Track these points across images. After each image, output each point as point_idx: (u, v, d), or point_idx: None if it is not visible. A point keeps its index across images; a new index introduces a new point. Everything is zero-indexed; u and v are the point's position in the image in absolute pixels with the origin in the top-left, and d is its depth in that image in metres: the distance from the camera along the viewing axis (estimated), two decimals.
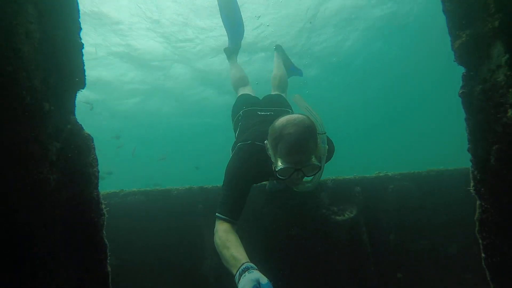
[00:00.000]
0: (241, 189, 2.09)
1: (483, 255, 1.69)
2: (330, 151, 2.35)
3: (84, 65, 1.46)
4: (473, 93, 1.68)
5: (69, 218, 1.30)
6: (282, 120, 1.89)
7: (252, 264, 1.65)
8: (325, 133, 1.90)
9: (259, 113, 2.87)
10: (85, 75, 1.45)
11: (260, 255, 3.22)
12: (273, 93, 4.04)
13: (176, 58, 16.42)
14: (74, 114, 1.42)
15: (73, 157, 1.36)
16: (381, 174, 3.54)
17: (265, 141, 2.03)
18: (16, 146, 1.16)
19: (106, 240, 1.43)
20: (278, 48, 4.92)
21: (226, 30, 4.73)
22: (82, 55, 1.45)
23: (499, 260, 1.62)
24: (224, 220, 2.00)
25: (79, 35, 1.46)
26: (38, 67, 1.29)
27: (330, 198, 3.27)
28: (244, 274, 1.54)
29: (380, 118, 30.37)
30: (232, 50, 4.63)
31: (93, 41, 13.77)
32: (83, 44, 1.45)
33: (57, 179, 1.29)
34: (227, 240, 1.85)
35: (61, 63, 1.38)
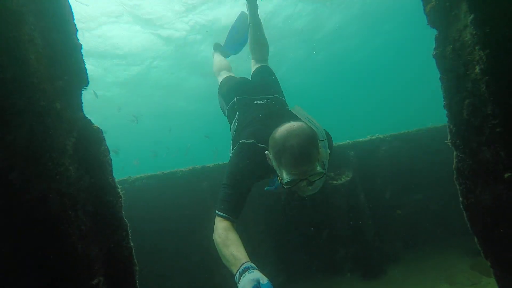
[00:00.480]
0: (244, 187, 2.07)
1: (460, 198, 1.89)
2: (330, 146, 2.36)
3: (84, 64, 1.58)
4: (445, 53, 1.82)
5: (93, 202, 1.48)
6: (282, 131, 1.88)
7: (252, 264, 1.65)
8: (325, 139, 1.90)
9: (255, 102, 2.76)
10: (87, 73, 1.58)
11: (264, 227, 3.50)
12: (257, 65, 3.73)
13: None
14: (82, 110, 1.57)
15: (87, 149, 1.52)
16: (373, 137, 3.72)
17: (266, 152, 2.04)
18: (40, 144, 1.32)
19: (125, 219, 1.62)
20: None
21: (229, 36, 4.52)
22: (82, 55, 1.58)
23: (473, 201, 1.82)
24: (224, 218, 1.99)
25: (76, 36, 1.58)
26: (45, 71, 1.43)
27: (327, 164, 3.45)
28: (244, 274, 1.55)
29: (357, 82, 30.53)
30: (221, 50, 4.48)
31: None
32: (81, 45, 1.57)
33: (77, 168, 1.47)
34: (227, 238, 1.84)
35: (64, 65, 1.51)
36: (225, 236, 1.86)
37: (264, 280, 1.49)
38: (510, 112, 1.64)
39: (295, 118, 2.07)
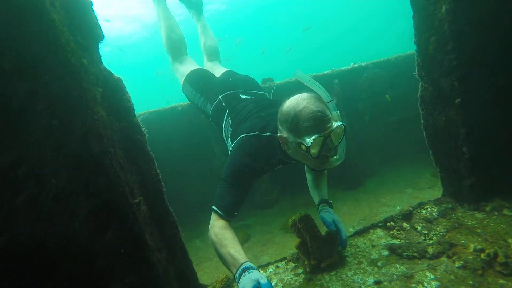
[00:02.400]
0: (244, 186, 1.91)
1: (422, 121, 2.30)
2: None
3: (97, 19, 1.75)
4: None
5: (124, 140, 1.82)
6: (289, 101, 1.72)
7: (251, 264, 1.57)
8: (332, 100, 1.74)
9: (241, 96, 2.58)
10: (101, 28, 1.76)
11: None
12: (223, 69, 3.34)
13: None
14: (102, 63, 1.79)
15: (112, 97, 1.80)
16: (355, 66, 3.98)
17: (278, 135, 1.81)
18: (75, 95, 1.60)
19: (150, 151, 1.98)
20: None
21: None
22: (93, 10, 1.73)
23: (431, 123, 2.23)
24: (221, 216, 1.88)
25: None
26: (68, 30, 1.62)
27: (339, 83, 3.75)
28: (244, 274, 1.50)
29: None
30: None
31: None
32: (91, 1, 1.72)
33: (107, 114, 1.77)
34: (223, 238, 1.76)
35: (80, 22, 1.69)
36: (222, 235, 1.77)
37: (264, 280, 1.43)
38: (465, 48, 1.95)
39: None
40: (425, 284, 1.67)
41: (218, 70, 3.20)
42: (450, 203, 2.28)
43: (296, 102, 1.69)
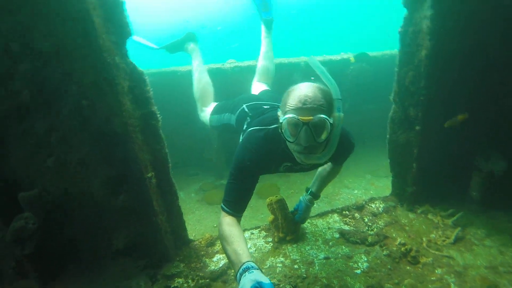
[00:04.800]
0: (249, 182, 1.89)
1: (387, 135, 2.78)
2: (347, 149, 2.11)
3: (128, 17, 1.94)
4: (407, 32, 2.34)
5: (143, 125, 2.16)
6: (296, 84, 1.67)
7: (252, 264, 1.54)
8: (341, 99, 1.60)
9: (264, 106, 2.47)
10: (130, 26, 1.97)
11: None
12: (266, 87, 3.33)
13: None
14: (128, 57, 2.03)
15: (136, 88, 2.08)
16: (344, 56, 4.27)
17: (278, 112, 1.75)
18: (111, 87, 1.89)
19: (162, 134, 2.33)
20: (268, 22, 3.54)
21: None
22: (125, 10, 1.92)
23: (395, 139, 2.72)
24: (228, 213, 1.87)
25: None
26: (104, 29, 1.84)
27: (302, 76, 4.09)
28: (244, 275, 1.47)
29: None
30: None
31: None
32: (124, 1, 1.90)
33: (131, 103, 2.08)
34: (230, 235, 1.75)
35: (115, 21, 1.89)
36: (228, 232, 1.77)
37: (265, 280, 1.40)
38: (434, 89, 2.36)
39: None
40: (359, 264, 2.30)
41: (258, 89, 3.24)
42: (393, 202, 2.89)
43: (297, 85, 1.64)
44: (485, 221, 2.54)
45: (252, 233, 2.81)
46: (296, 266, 2.36)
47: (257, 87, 3.31)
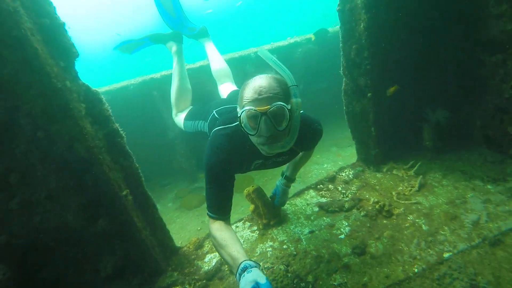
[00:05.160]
0: (222, 184, 1.84)
1: (344, 107, 2.96)
2: (313, 135, 2.11)
3: (71, 38, 1.88)
4: (344, 10, 2.49)
5: (109, 145, 2.12)
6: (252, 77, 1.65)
7: (250, 262, 1.53)
8: (296, 85, 1.60)
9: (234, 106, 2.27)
10: (75, 47, 1.90)
11: None
12: (232, 88, 3.26)
13: None
14: (79, 79, 1.97)
15: (94, 108, 2.03)
16: (291, 41, 4.42)
17: (237, 109, 1.71)
18: (66, 113, 1.83)
19: (129, 149, 2.30)
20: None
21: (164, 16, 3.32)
22: (67, 31, 1.86)
23: (351, 110, 2.91)
24: (214, 218, 1.85)
25: (56, 14, 1.82)
26: (50, 55, 1.78)
27: (254, 67, 4.17)
28: (243, 275, 1.47)
29: None
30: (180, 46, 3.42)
31: None
32: (64, 23, 1.83)
33: (92, 124, 2.02)
34: (222, 239, 1.73)
35: (58, 43, 1.82)
36: (219, 237, 1.75)
37: (262, 279, 1.41)
38: (377, 56, 2.55)
39: None
40: (341, 229, 2.47)
41: (226, 92, 3.18)
42: (361, 167, 3.10)
43: (252, 78, 1.63)
44: (440, 165, 2.82)
45: (237, 226, 2.87)
46: (285, 246, 2.47)
47: (224, 89, 3.27)
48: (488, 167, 2.64)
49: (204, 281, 2.39)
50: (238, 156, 1.88)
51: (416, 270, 2.00)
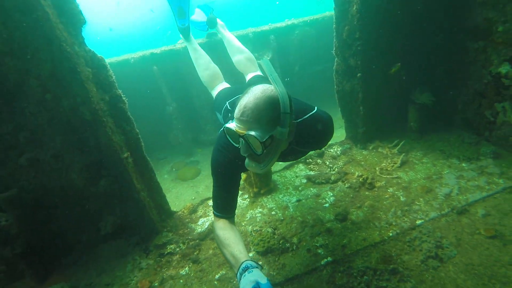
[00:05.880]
0: (226, 183, 1.85)
1: (335, 86, 3.11)
2: (319, 141, 2.02)
3: (78, 5, 1.99)
4: None
5: (112, 109, 2.26)
6: (258, 85, 1.59)
7: (251, 262, 1.54)
8: (289, 113, 1.49)
9: None
10: (83, 13, 2.02)
11: None
12: (251, 76, 3.14)
13: None
14: (86, 45, 2.09)
15: (99, 74, 2.16)
16: (289, 23, 4.50)
17: None
18: (74, 76, 1.97)
19: (130, 115, 2.44)
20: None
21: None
22: None
23: (341, 89, 3.06)
24: (219, 217, 1.85)
25: None
26: (60, 21, 1.90)
27: (252, 47, 4.27)
28: (244, 275, 1.47)
29: None
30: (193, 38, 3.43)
31: None
32: None
33: (97, 88, 2.16)
34: (224, 238, 1.74)
35: (67, 11, 1.94)
36: (222, 236, 1.75)
37: (263, 279, 1.41)
38: (367, 38, 2.69)
39: None
40: (326, 199, 2.67)
41: (249, 77, 3.11)
42: (349, 144, 3.28)
43: (253, 88, 1.56)
44: (422, 144, 3.02)
45: None
46: (273, 213, 2.67)
47: (249, 76, 3.18)
48: (465, 148, 2.83)
49: (197, 240, 2.59)
50: (242, 157, 1.75)
51: (390, 234, 2.21)
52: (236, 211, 2.75)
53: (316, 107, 1.93)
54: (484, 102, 2.67)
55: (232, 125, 1.52)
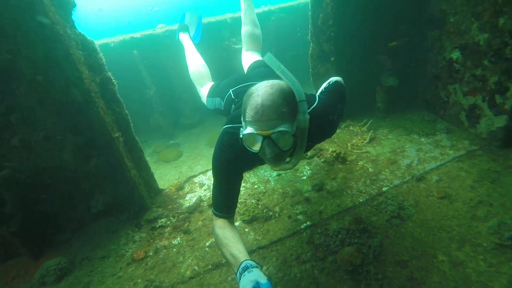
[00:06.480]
0: (231, 183, 1.82)
1: (310, 70, 3.35)
2: (329, 129, 1.98)
3: None
4: None
5: (102, 90, 2.36)
6: (257, 84, 1.49)
7: (251, 262, 1.53)
8: (305, 100, 1.48)
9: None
10: None
11: None
12: (257, 57, 3.03)
13: None
14: (76, 28, 2.17)
15: (90, 56, 2.25)
16: (265, 9, 4.67)
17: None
18: (67, 58, 2.05)
19: (119, 96, 2.54)
20: None
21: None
22: None
23: (316, 71, 3.31)
24: (218, 216, 1.83)
25: None
26: (51, 3, 1.97)
27: (230, 32, 4.40)
28: (244, 274, 1.46)
29: None
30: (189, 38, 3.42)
31: None
32: None
33: (88, 69, 2.26)
34: (224, 237, 1.73)
35: None
36: (222, 235, 1.74)
37: (263, 279, 1.40)
38: (340, 25, 2.93)
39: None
40: (304, 172, 2.94)
41: (247, 63, 3.00)
42: None
43: (256, 87, 1.47)
44: (388, 123, 3.37)
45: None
46: (256, 186, 2.91)
47: (247, 59, 3.05)
48: (424, 125, 3.21)
49: (186, 214, 2.78)
50: (246, 156, 1.71)
51: (361, 200, 2.52)
52: None
53: (317, 96, 1.90)
54: (439, 85, 3.03)
55: (249, 130, 1.41)
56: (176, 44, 3.95)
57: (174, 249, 2.49)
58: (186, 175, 3.60)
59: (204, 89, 3.00)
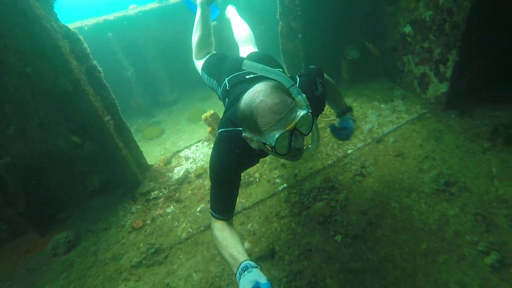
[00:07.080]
0: (227, 187, 1.83)
1: (280, 46, 3.60)
2: (323, 100, 2.00)
3: None
4: None
5: (90, 79, 2.54)
6: (245, 98, 1.53)
7: (250, 262, 1.53)
8: (293, 84, 1.50)
9: (247, 77, 2.24)
10: None
11: None
12: (252, 50, 3.10)
13: None
14: (59, 20, 2.30)
15: (75, 46, 2.41)
16: None
17: (243, 135, 1.62)
18: (54, 50, 2.22)
19: (106, 83, 2.72)
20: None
21: None
22: None
23: (286, 48, 3.57)
24: (217, 218, 1.84)
25: None
26: (35, 0, 2.10)
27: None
28: (243, 274, 1.47)
29: None
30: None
31: None
32: None
33: (75, 60, 2.43)
34: (223, 238, 1.74)
35: None
36: (221, 236, 1.76)
37: (263, 279, 1.41)
38: (305, 4, 3.17)
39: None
40: None
41: (245, 53, 3.00)
42: None
43: (251, 97, 1.49)
44: (353, 92, 3.73)
45: (197, 146, 3.57)
46: None
47: (244, 50, 3.15)
48: (384, 92, 3.59)
49: (176, 185, 3.10)
50: (246, 158, 1.81)
51: (329, 162, 2.91)
52: (204, 158, 3.28)
53: (297, 77, 1.98)
54: (396, 56, 3.38)
55: (277, 134, 1.42)
56: (151, 26, 4.05)
57: (169, 216, 2.82)
58: (171, 151, 3.86)
59: (200, 62, 2.92)
